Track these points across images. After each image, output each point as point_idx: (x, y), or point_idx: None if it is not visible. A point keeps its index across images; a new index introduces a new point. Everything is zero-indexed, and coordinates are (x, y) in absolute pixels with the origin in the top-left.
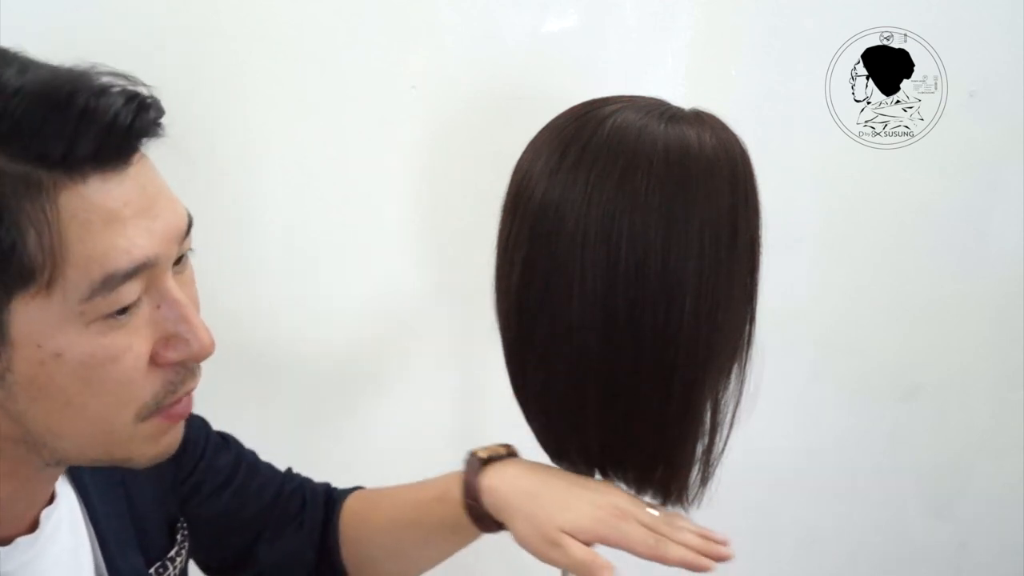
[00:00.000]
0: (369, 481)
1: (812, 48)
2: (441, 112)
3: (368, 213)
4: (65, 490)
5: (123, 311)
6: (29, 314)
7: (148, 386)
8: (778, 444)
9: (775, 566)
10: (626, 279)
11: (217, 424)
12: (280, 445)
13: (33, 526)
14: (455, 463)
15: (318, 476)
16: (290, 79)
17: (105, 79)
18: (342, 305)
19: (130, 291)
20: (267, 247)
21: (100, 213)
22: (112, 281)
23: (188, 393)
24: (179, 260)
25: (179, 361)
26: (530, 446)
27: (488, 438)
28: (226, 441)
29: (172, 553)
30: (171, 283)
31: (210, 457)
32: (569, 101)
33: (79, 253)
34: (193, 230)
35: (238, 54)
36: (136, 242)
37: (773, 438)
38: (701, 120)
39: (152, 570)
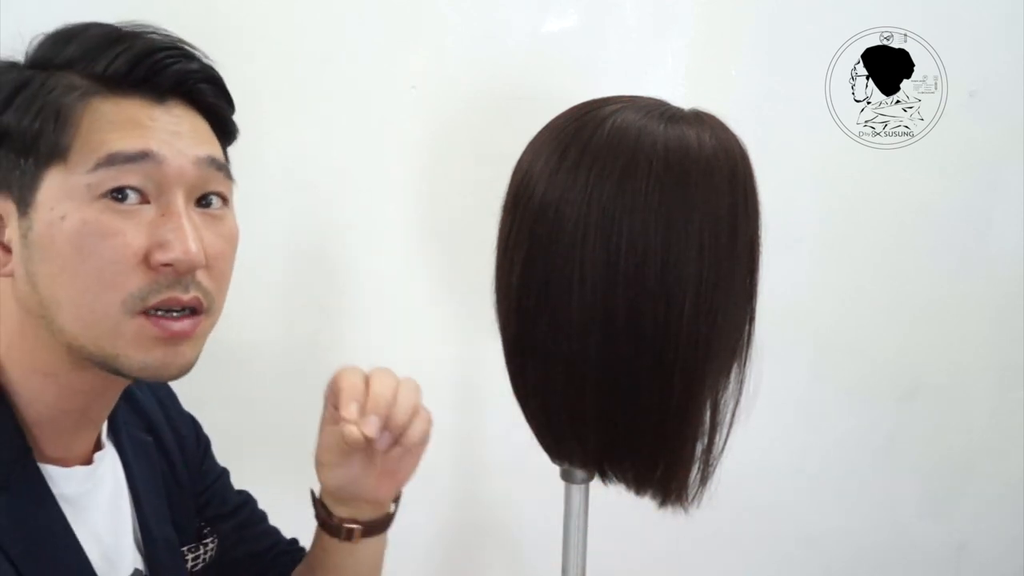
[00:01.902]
0: None
1: (812, 48)
2: (441, 112)
3: (368, 213)
4: (111, 448)
5: (122, 197)
6: (52, 182)
7: (135, 278)
8: (778, 444)
9: (774, 566)
10: (626, 279)
11: (218, 422)
12: (280, 444)
13: (87, 461)
14: (455, 462)
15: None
16: (290, 79)
17: (158, 36)
18: (342, 305)
19: (129, 175)
20: (266, 247)
21: (124, 117)
22: (115, 159)
23: (173, 301)
24: (210, 202)
25: (166, 263)
26: (530, 446)
27: (488, 438)
28: (241, 492)
29: (207, 540)
30: (179, 200)
31: (223, 487)
32: (569, 101)
33: (97, 138)
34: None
35: (238, 54)
36: (144, 137)
37: (773, 438)
38: (701, 120)
39: (185, 548)
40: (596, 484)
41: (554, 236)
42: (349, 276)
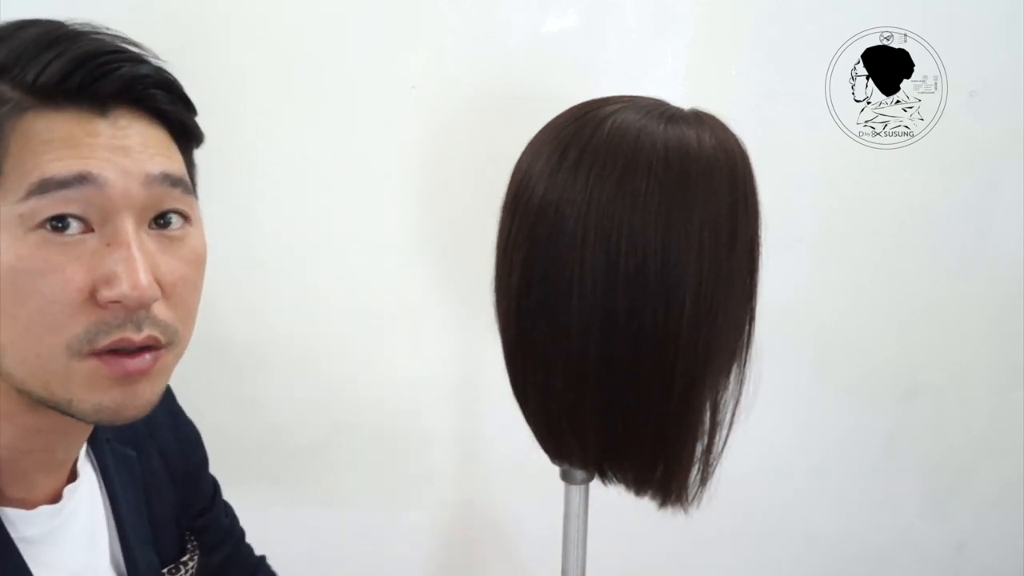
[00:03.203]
0: (367, 481)
1: (812, 48)
2: (441, 112)
3: (368, 213)
4: (88, 474)
5: (63, 226)
6: None
7: (80, 318)
8: (778, 444)
9: (774, 566)
10: (626, 279)
11: (217, 423)
12: (279, 444)
13: (55, 498)
14: (455, 462)
15: (317, 476)
16: (290, 79)
17: (100, 37)
18: (341, 305)
19: (68, 203)
20: (266, 247)
21: (59, 134)
22: (47, 185)
23: (124, 341)
24: (163, 217)
25: (114, 300)
26: (530, 446)
27: (488, 438)
28: (228, 510)
29: (185, 558)
30: (127, 226)
31: (219, 511)
32: (569, 101)
33: (29, 161)
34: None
35: (238, 54)
36: (81, 158)
37: (773, 438)
38: (700, 120)
39: (165, 571)
40: (596, 484)
41: (554, 236)
42: (349, 276)
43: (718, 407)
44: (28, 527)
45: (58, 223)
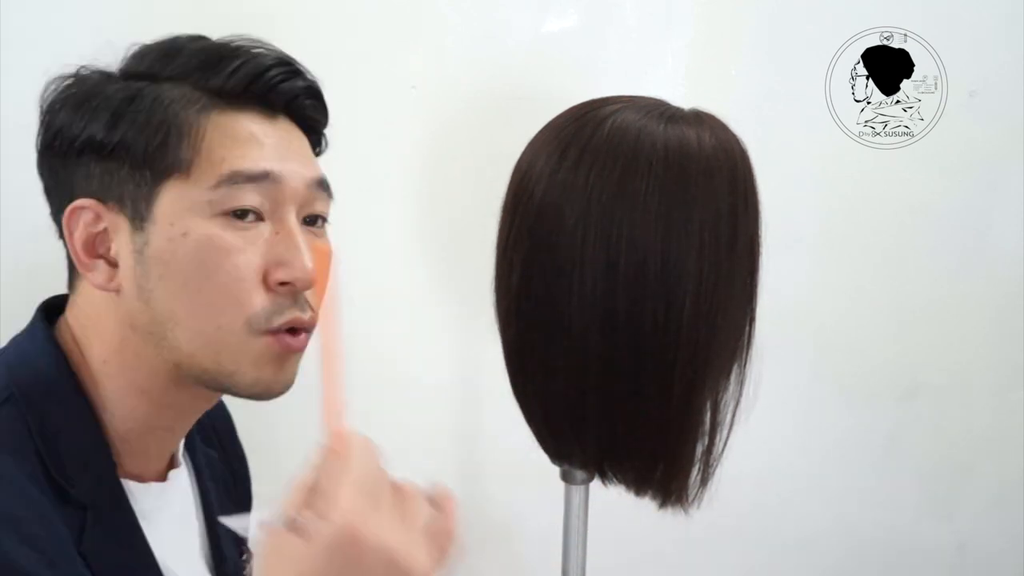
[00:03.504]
0: None
1: (812, 48)
2: (441, 112)
3: (368, 213)
4: (186, 467)
5: (243, 215)
6: (170, 196)
7: (258, 298)
8: (778, 444)
9: (774, 566)
10: (626, 279)
11: None
12: (278, 444)
13: (161, 478)
14: (455, 462)
15: None
16: None
17: (267, 51)
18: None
19: (250, 195)
20: None
21: (244, 133)
22: (237, 177)
23: (296, 321)
24: (314, 221)
25: (284, 282)
26: (530, 446)
27: (488, 438)
28: None
29: (244, 557)
30: (292, 218)
31: None
32: (569, 101)
33: (218, 154)
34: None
35: None
36: (264, 157)
37: (773, 438)
38: (701, 120)
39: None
40: (596, 484)
41: (554, 236)
42: (349, 277)
43: (718, 407)
44: (143, 499)
45: (238, 211)
